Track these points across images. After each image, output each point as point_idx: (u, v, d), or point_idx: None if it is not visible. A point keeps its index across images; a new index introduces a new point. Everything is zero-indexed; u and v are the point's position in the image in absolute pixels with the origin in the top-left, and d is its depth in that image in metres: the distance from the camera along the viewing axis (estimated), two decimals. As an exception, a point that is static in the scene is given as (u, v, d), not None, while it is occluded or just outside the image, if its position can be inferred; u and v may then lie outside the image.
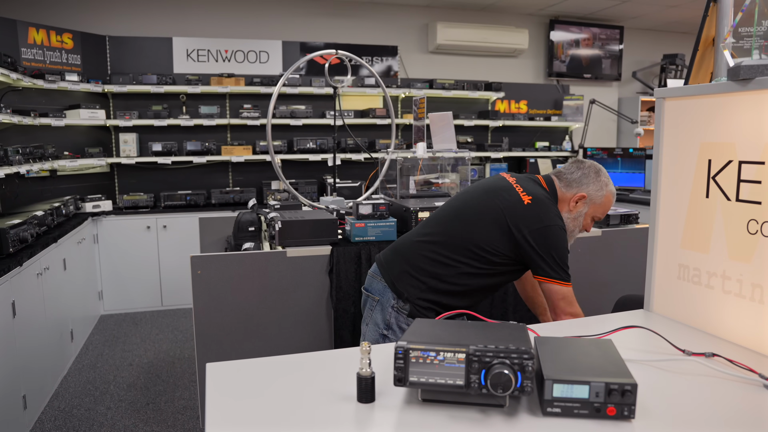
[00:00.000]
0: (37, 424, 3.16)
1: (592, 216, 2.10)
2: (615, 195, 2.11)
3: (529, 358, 1.11)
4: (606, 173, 2.12)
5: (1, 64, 3.87)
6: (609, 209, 2.12)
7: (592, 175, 2.10)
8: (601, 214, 2.10)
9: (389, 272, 2.13)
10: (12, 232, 3.06)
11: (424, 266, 2.07)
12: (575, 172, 2.12)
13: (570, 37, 7.16)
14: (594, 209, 2.10)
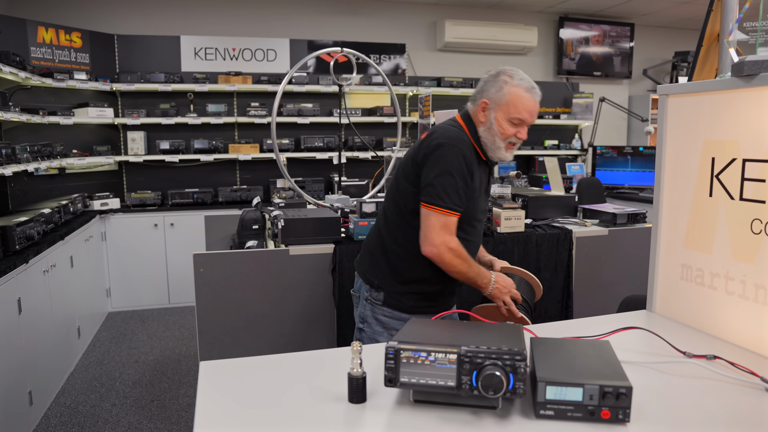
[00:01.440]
0: (43, 420, 3.18)
1: (507, 118, 1.88)
2: (527, 88, 1.89)
3: (522, 359, 1.09)
4: (510, 72, 1.92)
5: (10, 63, 3.90)
6: (526, 106, 1.88)
7: (490, 80, 1.95)
8: (515, 112, 1.87)
9: (361, 265, 2.15)
10: (18, 229, 3.08)
11: (379, 243, 2.08)
12: (478, 86, 2.02)
13: (580, 35, 7.10)
14: (503, 111, 1.88)
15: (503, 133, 1.89)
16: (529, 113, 1.90)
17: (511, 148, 1.94)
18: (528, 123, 1.91)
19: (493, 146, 1.92)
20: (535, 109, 1.91)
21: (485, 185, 2.04)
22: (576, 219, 3.51)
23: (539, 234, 3.20)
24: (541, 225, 3.36)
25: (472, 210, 1.96)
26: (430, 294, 2.06)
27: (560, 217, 3.53)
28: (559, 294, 3.28)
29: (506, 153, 1.93)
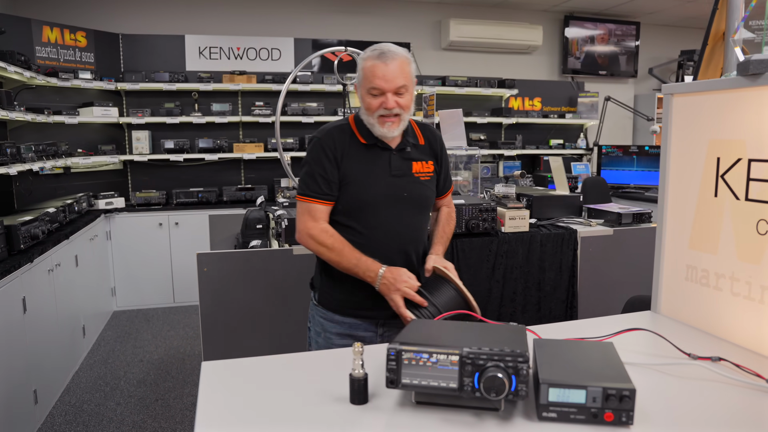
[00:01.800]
0: (48, 419, 3.19)
1: (367, 92, 1.81)
2: (375, 56, 1.78)
3: (524, 361, 1.08)
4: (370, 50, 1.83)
5: (15, 62, 3.91)
6: (376, 73, 1.77)
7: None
8: (369, 83, 1.79)
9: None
10: (23, 228, 3.09)
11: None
12: None
13: (585, 34, 7.07)
14: (363, 87, 1.82)
15: (368, 107, 1.81)
16: (383, 79, 1.76)
17: (387, 120, 1.80)
18: (388, 90, 1.77)
19: (370, 125, 1.84)
20: (390, 74, 1.75)
21: (385, 170, 1.87)
22: (581, 219, 3.50)
23: (543, 234, 3.19)
24: (546, 225, 3.34)
25: (358, 196, 1.85)
26: (357, 295, 1.89)
27: (565, 216, 3.51)
28: (563, 294, 3.27)
29: (381, 128, 1.81)
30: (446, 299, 1.75)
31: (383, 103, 1.78)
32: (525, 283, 3.21)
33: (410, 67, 1.83)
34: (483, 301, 3.14)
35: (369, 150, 1.88)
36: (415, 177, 1.91)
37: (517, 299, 3.20)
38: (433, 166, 1.97)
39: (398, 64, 1.77)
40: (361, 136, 1.87)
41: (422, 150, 1.96)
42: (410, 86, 1.83)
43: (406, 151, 1.91)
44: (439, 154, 2.01)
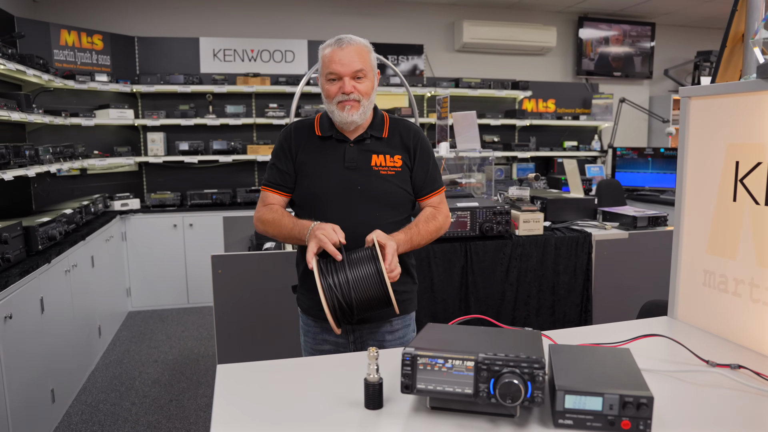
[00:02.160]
0: (65, 418, 3.22)
1: (325, 80, 1.80)
2: (332, 42, 1.79)
3: (540, 367, 1.08)
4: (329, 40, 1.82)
5: (34, 65, 3.96)
6: (332, 57, 1.76)
7: None
8: (326, 69, 1.78)
9: None
10: (41, 229, 3.13)
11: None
12: None
13: (599, 35, 7.02)
14: (322, 74, 1.82)
15: (327, 95, 1.80)
16: (339, 63, 1.75)
17: (346, 104, 1.77)
18: (344, 73, 1.75)
19: (331, 113, 1.83)
20: (346, 58, 1.75)
21: (338, 162, 1.83)
22: (595, 222, 3.47)
23: (558, 237, 3.17)
24: (560, 228, 3.32)
25: (309, 188, 1.84)
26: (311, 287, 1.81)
27: (579, 219, 3.49)
28: (578, 298, 3.25)
29: (341, 113, 1.77)
30: (363, 275, 1.58)
31: (341, 87, 1.76)
32: (539, 287, 3.19)
33: (369, 54, 1.82)
34: (496, 305, 3.13)
35: (324, 142, 1.87)
36: (373, 170, 1.84)
37: (531, 303, 3.19)
38: (402, 161, 1.87)
39: (355, 48, 1.78)
40: (319, 129, 1.87)
41: (387, 143, 1.88)
42: (369, 73, 1.81)
43: (364, 143, 1.86)
44: (414, 149, 1.90)
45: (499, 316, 3.12)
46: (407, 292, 1.95)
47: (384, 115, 1.94)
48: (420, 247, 1.85)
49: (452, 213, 2.97)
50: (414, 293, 2.01)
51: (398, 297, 1.78)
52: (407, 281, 1.94)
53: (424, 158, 1.92)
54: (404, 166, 1.88)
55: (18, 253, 2.86)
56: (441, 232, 1.93)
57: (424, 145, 1.93)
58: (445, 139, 3.49)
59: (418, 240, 1.83)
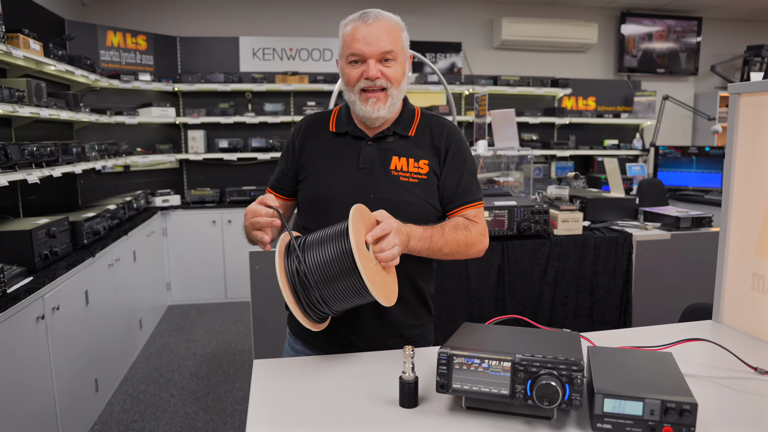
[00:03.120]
0: (108, 407, 3.32)
1: (346, 62, 1.50)
2: (355, 18, 1.50)
3: (579, 370, 1.06)
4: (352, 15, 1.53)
5: (82, 66, 4.08)
6: (355, 35, 1.46)
7: None
8: (348, 48, 1.48)
9: None
10: (86, 224, 3.23)
11: None
12: None
13: (642, 31, 6.84)
14: (342, 57, 1.52)
15: (348, 80, 1.50)
16: (363, 42, 1.45)
17: (371, 96, 1.48)
18: (369, 54, 1.45)
19: (351, 104, 1.54)
20: (372, 35, 1.45)
21: (351, 163, 1.54)
22: (636, 222, 3.39)
23: (597, 237, 3.11)
24: (600, 228, 3.26)
25: (312, 191, 1.55)
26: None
27: (620, 219, 3.41)
28: (617, 299, 3.18)
29: (364, 106, 1.48)
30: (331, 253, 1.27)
31: (364, 72, 1.46)
32: (577, 287, 3.14)
33: (401, 33, 1.52)
34: (534, 305, 3.09)
35: (338, 139, 1.58)
36: (392, 175, 1.52)
37: (569, 303, 3.13)
38: (428, 167, 1.54)
39: (383, 25, 1.48)
40: (334, 124, 1.59)
41: (414, 143, 1.57)
42: (400, 55, 1.50)
43: (385, 141, 1.56)
44: (445, 154, 1.57)
45: (536, 317, 3.08)
46: (420, 326, 1.64)
47: (415, 109, 1.64)
48: (441, 255, 1.49)
49: (489, 211, 2.94)
50: (430, 327, 1.70)
51: (409, 332, 1.59)
52: (421, 313, 1.64)
53: (458, 163, 1.58)
54: (431, 173, 1.55)
55: (65, 246, 2.96)
56: (471, 250, 1.55)
57: (459, 147, 1.59)
58: (483, 137, 3.46)
59: (440, 244, 1.46)
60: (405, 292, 1.54)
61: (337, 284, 1.26)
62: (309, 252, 1.29)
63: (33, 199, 3.61)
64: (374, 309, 1.53)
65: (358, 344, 1.54)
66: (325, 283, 1.26)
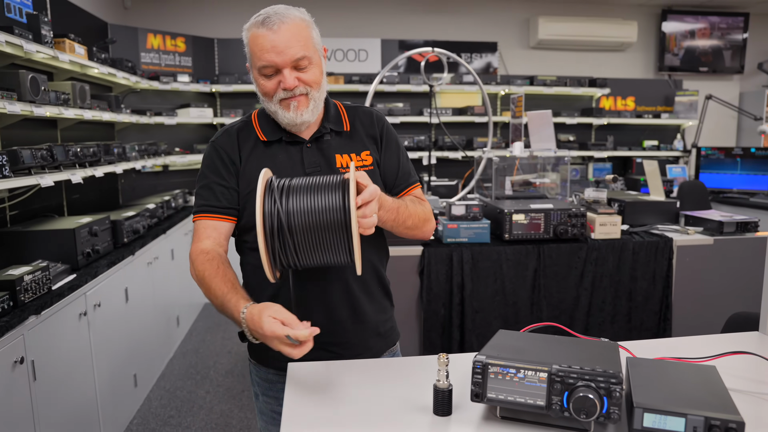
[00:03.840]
0: (146, 402, 3.40)
1: (259, 72, 1.40)
2: (258, 23, 1.37)
3: (617, 383, 1.03)
4: (254, 17, 1.41)
5: (123, 68, 4.19)
6: (262, 45, 1.35)
7: None
8: (257, 60, 1.37)
9: None
10: (126, 223, 3.31)
11: None
12: None
13: (684, 28, 6.66)
14: (254, 66, 1.41)
15: (264, 92, 1.41)
16: (273, 52, 1.34)
17: (291, 101, 1.39)
18: (282, 64, 1.35)
19: (273, 114, 1.44)
20: (280, 43, 1.34)
21: (295, 170, 1.45)
22: (677, 226, 3.30)
23: (636, 241, 3.04)
24: (639, 232, 3.18)
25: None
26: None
27: (660, 223, 3.33)
28: (656, 305, 3.11)
29: (287, 113, 1.40)
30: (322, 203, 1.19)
31: (281, 82, 1.38)
32: (615, 293, 3.07)
33: (309, 31, 1.40)
34: (570, 309, 3.04)
35: (272, 147, 1.47)
36: (340, 173, 1.39)
37: (606, 309, 3.07)
38: (371, 158, 1.51)
39: (290, 28, 1.36)
40: (261, 133, 1.48)
41: (350, 137, 1.52)
42: (314, 55, 1.40)
43: (323, 140, 1.49)
44: (381, 140, 1.54)
45: (572, 322, 3.03)
46: (389, 319, 1.62)
47: (337, 104, 1.57)
48: (403, 229, 1.43)
49: (525, 214, 2.90)
50: (393, 319, 1.65)
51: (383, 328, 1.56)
52: (387, 306, 1.60)
53: (393, 147, 1.55)
54: (374, 163, 1.51)
55: (106, 245, 3.04)
56: (427, 226, 1.52)
57: (390, 131, 1.56)
58: (519, 139, 3.42)
59: (404, 215, 1.41)
60: (372, 286, 1.53)
61: (319, 236, 1.18)
62: (295, 195, 1.20)
63: (76, 198, 3.72)
64: (350, 312, 1.47)
65: (342, 354, 1.48)
66: (307, 232, 1.18)
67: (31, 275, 2.21)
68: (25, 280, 2.17)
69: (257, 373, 1.58)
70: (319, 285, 1.45)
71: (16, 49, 2.68)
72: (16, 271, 2.21)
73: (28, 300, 2.19)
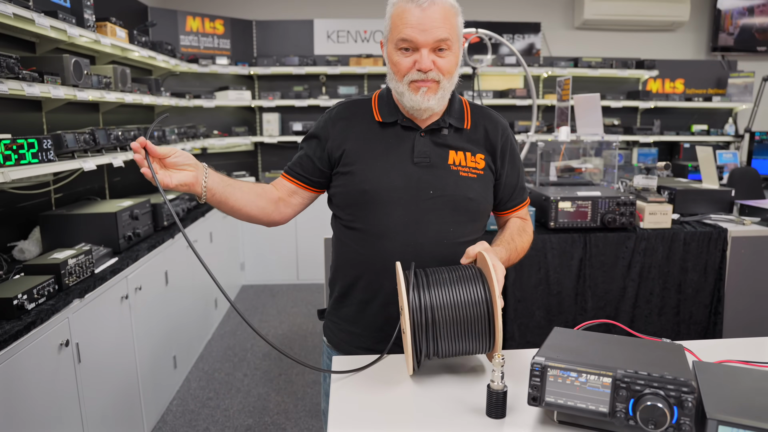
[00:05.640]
0: (185, 383, 3.44)
1: (395, 48, 1.36)
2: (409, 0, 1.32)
3: (690, 391, 0.96)
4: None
5: (163, 51, 4.19)
6: (407, 19, 1.32)
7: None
8: (398, 33, 1.34)
9: None
10: (165, 207, 3.33)
11: None
12: None
13: (742, 4, 6.32)
14: (390, 41, 1.38)
15: (396, 69, 1.36)
16: (417, 28, 1.30)
17: (422, 86, 1.35)
18: (423, 43, 1.31)
19: (399, 94, 1.39)
20: (427, 21, 1.30)
21: (404, 156, 1.42)
22: (732, 216, 3.15)
23: (688, 231, 2.90)
24: (690, 221, 3.04)
25: (361, 186, 1.41)
26: (359, 325, 1.50)
27: (712, 212, 3.18)
28: (707, 298, 2.97)
29: (414, 96, 1.35)
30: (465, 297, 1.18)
31: (416, 62, 1.34)
32: (663, 284, 2.95)
33: (457, 18, 1.37)
34: (616, 301, 2.93)
35: (386, 130, 1.44)
36: (451, 170, 1.42)
37: (654, 301, 2.96)
38: (485, 162, 1.46)
39: (440, 9, 1.32)
40: (378, 113, 1.45)
41: (469, 137, 1.47)
42: (455, 44, 1.36)
43: (440, 134, 1.44)
44: (500, 150, 1.49)
45: (617, 313, 2.93)
46: None
47: (462, 100, 1.53)
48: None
49: (572, 202, 2.80)
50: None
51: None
52: None
53: (516, 161, 1.54)
54: (487, 169, 1.47)
55: (147, 228, 3.05)
56: (526, 252, 1.55)
57: (515, 145, 1.54)
58: (566, 123, 3.29)
59: (512, 260, 1.46)
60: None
61: (462, 328, 1.18)
62: (436, 288, 1.19)
63: (117, 181, 3.76)
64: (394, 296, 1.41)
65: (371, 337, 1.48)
66: (451, 325, 1.17)
67: (74, 259, 2.23)
68: (69, 264, 2.19)
69: (329, 355, 1.58)
70: (393, 280, 1.41)
71: (60, 33, 2.68)
72: (60, 255, 2.23)
73: (73, 283, 2.20)
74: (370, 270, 1.43)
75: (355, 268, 1.47)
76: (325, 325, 1.61)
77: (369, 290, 1.45)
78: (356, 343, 1.49)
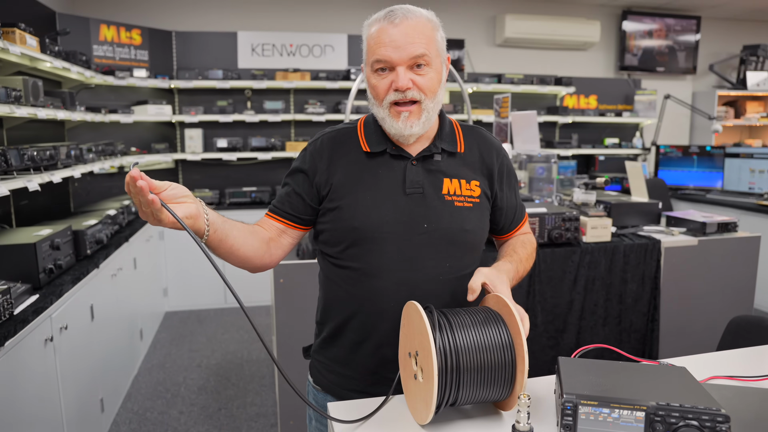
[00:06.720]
0: (113, 427, 3.13)
1: (371, 70, 1.29)
2: (379, 18, 1.29)
3: (724, 421, 0.94)
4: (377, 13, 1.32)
5: (77, 62, 3.86)
6: (380, 39, 1.26)
7: None
8: (372, 54, 1.28)
9: None
10: (89, 233, 3.03)
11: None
12: None
13: (643, 29, 6.78)
14: (368, 63, 1.30)
15: (375, 93, 1.28)
16: (389, 46, 1.23)
17: (402, 110, 1.26)
18: (398, 61, 1.24)
19: (381, 120, 1.31)
20: (400, 38, 1.23)
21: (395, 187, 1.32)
22: (661, 227, 3.30)
23: (627, 244, 3.01)
24: (627, 234, 3.16)
25: (350, 223, 1.30)
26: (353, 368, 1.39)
27: (644, 224, 3.32)
28: (644, 307, 3.09)
29: (395, 122, 1.27)
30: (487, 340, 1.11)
31: (393, 82, 1.25)
32: (606, 296, 3.04)
33: (435, 32, 1.29)
34: (564, 314, 2.98)
35: (374, 160, 1.34)
36: (445, 200, 1.32)
37: (598, 312, 3.04)
38: (480, 189, 1.37)
39: (414, 24, 1.25)
40: (366, 143, 1.35)
41: (464, 160, 1.38)
42: (435, 59, 1.28)
43: (432, 161, 1.35)
44: (497, 173, 1.40)
45: (566, 326, 2.98)
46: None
47: (452, 121, 1.43)
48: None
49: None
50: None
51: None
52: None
53: (513, 182, 1.46)
54: (482, 196, 1.38)
55: (68, 258, 2.76)
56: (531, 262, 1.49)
57: (511, 167, 1.46)
58: (506, 140, 3.34)
59: (522, 271, 1.40)
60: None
61: (486, 373, 1.10)
62: (459, 331, 1.11)
63: (25, 205, 3.38)
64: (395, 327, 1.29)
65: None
66: (474, 370, 1.09)
67: (-7, 299, 1.95)
68: (-14, 305, 1.91)
69: (316, 397, 1.47)
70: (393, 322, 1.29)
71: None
72: (-25, 294, 1.95)
73: (-9, 327, 1.93)
74: (363, 311, 1.34)
75: (347, 308, 1.36)
76: (311, 365, 1.50)
77: (362, 331, 1.35)
78: (348, 386, 1.39)
